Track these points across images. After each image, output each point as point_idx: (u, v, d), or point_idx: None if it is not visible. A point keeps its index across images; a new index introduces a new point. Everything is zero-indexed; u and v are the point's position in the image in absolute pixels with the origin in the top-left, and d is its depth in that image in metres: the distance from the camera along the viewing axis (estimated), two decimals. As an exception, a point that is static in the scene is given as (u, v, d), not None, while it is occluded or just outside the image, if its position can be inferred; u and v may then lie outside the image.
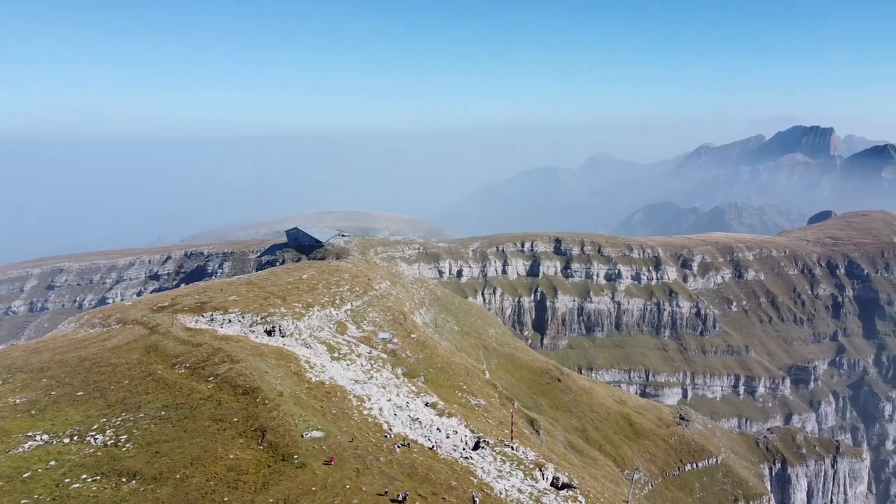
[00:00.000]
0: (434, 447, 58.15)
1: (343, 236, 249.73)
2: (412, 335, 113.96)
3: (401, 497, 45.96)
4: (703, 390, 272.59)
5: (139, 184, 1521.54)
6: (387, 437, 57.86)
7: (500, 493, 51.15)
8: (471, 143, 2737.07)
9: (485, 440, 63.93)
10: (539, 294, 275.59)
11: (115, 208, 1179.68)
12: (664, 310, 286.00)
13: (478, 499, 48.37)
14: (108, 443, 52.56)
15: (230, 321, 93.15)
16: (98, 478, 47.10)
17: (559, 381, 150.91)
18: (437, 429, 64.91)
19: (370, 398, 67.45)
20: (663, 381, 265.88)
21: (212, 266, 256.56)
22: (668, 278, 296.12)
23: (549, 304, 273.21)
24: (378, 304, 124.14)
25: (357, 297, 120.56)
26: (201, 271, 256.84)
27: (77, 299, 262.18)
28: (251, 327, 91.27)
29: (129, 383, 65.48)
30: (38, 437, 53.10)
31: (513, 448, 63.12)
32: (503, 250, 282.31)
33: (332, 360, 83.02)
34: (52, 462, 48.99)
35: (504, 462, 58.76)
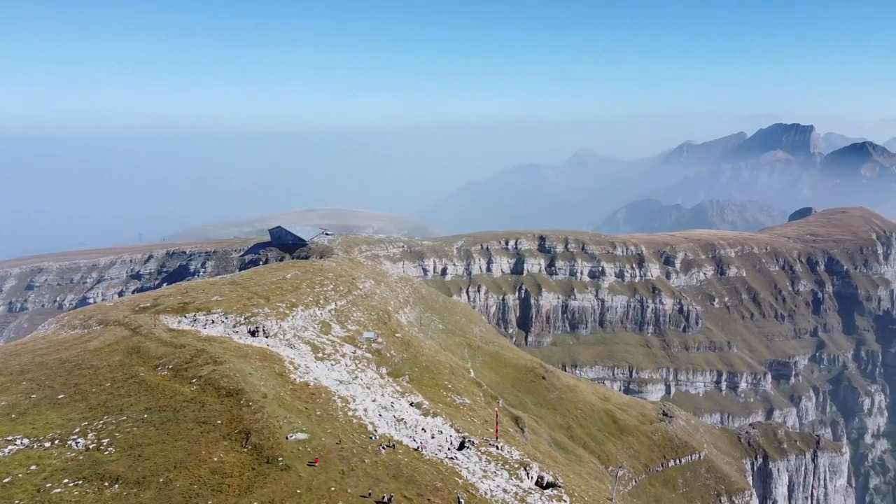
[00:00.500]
0: (419, 448, 58.23)
1: (327, 235, 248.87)
2: (397, 334, 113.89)
3: (386, 499, 46.01)
4: (685, 386, 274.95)
5: (119, 182, 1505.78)
6: (372, 438, 57.84)
7: (486, 493, 51.35)
8: (455, 140, 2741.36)
9: (470, 440, 64.09)
10: (523, 292, 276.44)
11: (94, 207, 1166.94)
12: (647, 307, 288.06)
13: (463, 499, 48.52)
14: (90, 446, 52.05)
15: (213, 322, 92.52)
16: (80, 482, 46.65)
17: (544, 378, 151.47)
18: (422, 429, 64.95)
19: (355, 399, 67.35)
20: (647, 377, 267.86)
21: (194, 265, 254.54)
22: (652, 275, 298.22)
23: (533, 301, 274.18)
24: (362, 303, 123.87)
25: (341, 296, 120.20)
26: (184, 270, 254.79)
27: (57, 299, 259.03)
28: (235, 328, 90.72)
29: (111, 386, 64.83)
30: (18, 442, 52.43)
31: (498, 447, 63.35)
32: (487, 248, 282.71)
33: (317, 360, 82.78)
34: (33, 467, 48.45)
35: (489, 462, 58.96)
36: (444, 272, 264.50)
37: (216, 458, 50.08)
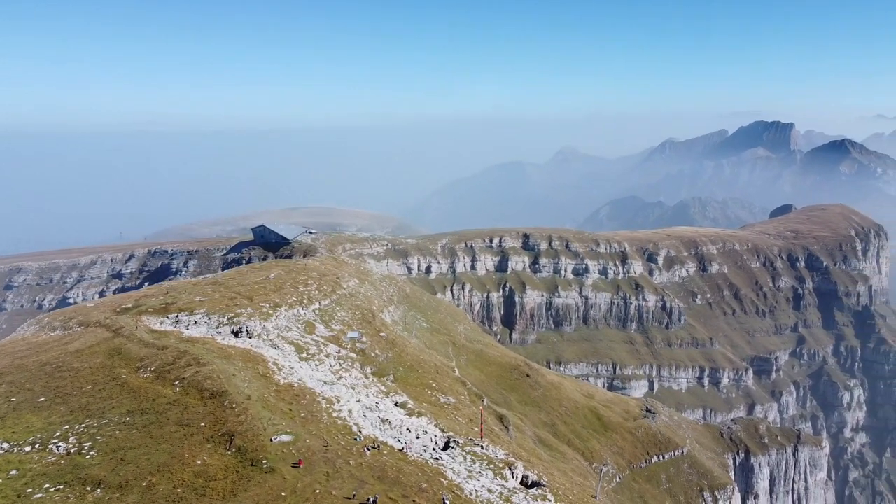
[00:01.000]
0: (404, 449, 58.25)
1: (310, 233, 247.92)
2: (381, 333, 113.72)
3: (371, 501, 46.00)
4: (668, 382, 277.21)
5: (99, 180, 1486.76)
6: (357, 439, 57.78)
7: (470, 493, 51.48)
8: (439, 138, 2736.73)
9: (455, 440, 64.17)
10: (508, 289, 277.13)
11: (74, 205, 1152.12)
12: (631, 304, 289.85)
13: (448, 500, 48.62)
14: (72, 450, 51.55)
15: (196, 322, 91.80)
16: (61, 487, 46.22)
17: (528, 376, 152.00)
18: (407, 429, 64.96)
19: (339, 400, 67.20)
20: (630, 374, 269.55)
21: (176, 264, 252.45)
22: (635, 272, 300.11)
23: (517, 299, 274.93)
24: (346, 302, 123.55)
25: (325, 295, 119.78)
26: (165, 270, 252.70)
27: (37, 300, 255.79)
28: (218, 328, 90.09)
29: (92, 388, 64.19)
30: (-3, 447, 51.89)
31: (482, 447, 63.49)
32: (472, 246, 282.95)
33: (301, 360, 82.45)
34: (14, 471, 47.93)
35: (474, 462, 59.10)
36: (428, 270, 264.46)
37: (200, 462, 49.80)
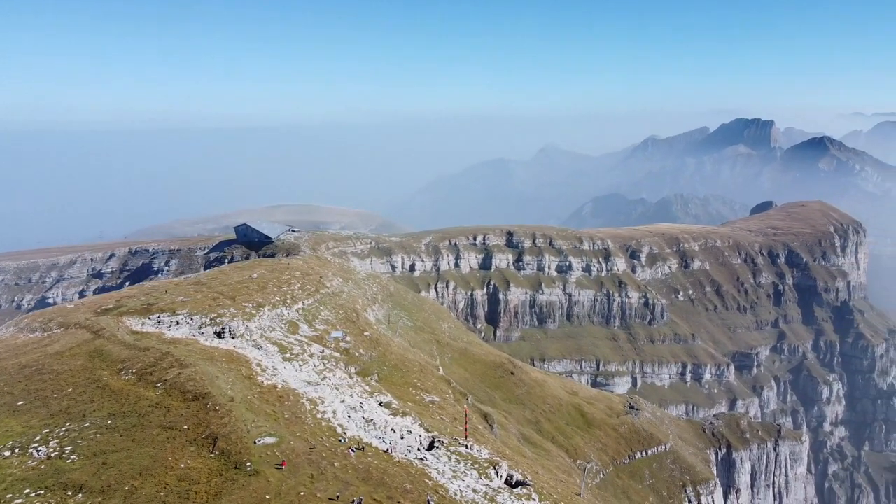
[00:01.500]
0: (389, 450, 58.25)
1: (293, 231, 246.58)
2: (365, 333, 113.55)
3: (355, 502, 45.94)
4: (651, 378, 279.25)
5: (77, 178, 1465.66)
6: (341, 440, 57.68)
7: (455, 494, 51.59)
8: (422, 135, 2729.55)
9: (439, 439, 64.26)
10: (492, 287, 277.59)
11: (52, 204, 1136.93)
12: (614, 300, 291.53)
13: (433, 501, 48.69)
14: (52, 455, 50.92)
15: (178, 323, 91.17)
16: (42, 492, 45.65)
17: (512, 374, 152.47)
18: (392, 429, 64.94)
19: (323, 401, 67.04)
20: (613, 370, 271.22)
21: (158, 264, 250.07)
22: (618, 269, 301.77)
23: (501, 296, 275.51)
24: (330, 301, 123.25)
25: (309, 295, 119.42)
26: (147, 269, 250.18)
27: (15, 300, 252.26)
28: (200, 329, 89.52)
29: (72, 391, 63.49)
30: (-24, 452, 51.17)
31: (467, 446, 63.64)
32: (456, 244, 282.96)
33: (284, 360, 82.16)
34: (-8, 477, 47.30)
35: (459, 462, 59.22)
36: (412, 268, 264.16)
37: (183, 465, 49.46)
